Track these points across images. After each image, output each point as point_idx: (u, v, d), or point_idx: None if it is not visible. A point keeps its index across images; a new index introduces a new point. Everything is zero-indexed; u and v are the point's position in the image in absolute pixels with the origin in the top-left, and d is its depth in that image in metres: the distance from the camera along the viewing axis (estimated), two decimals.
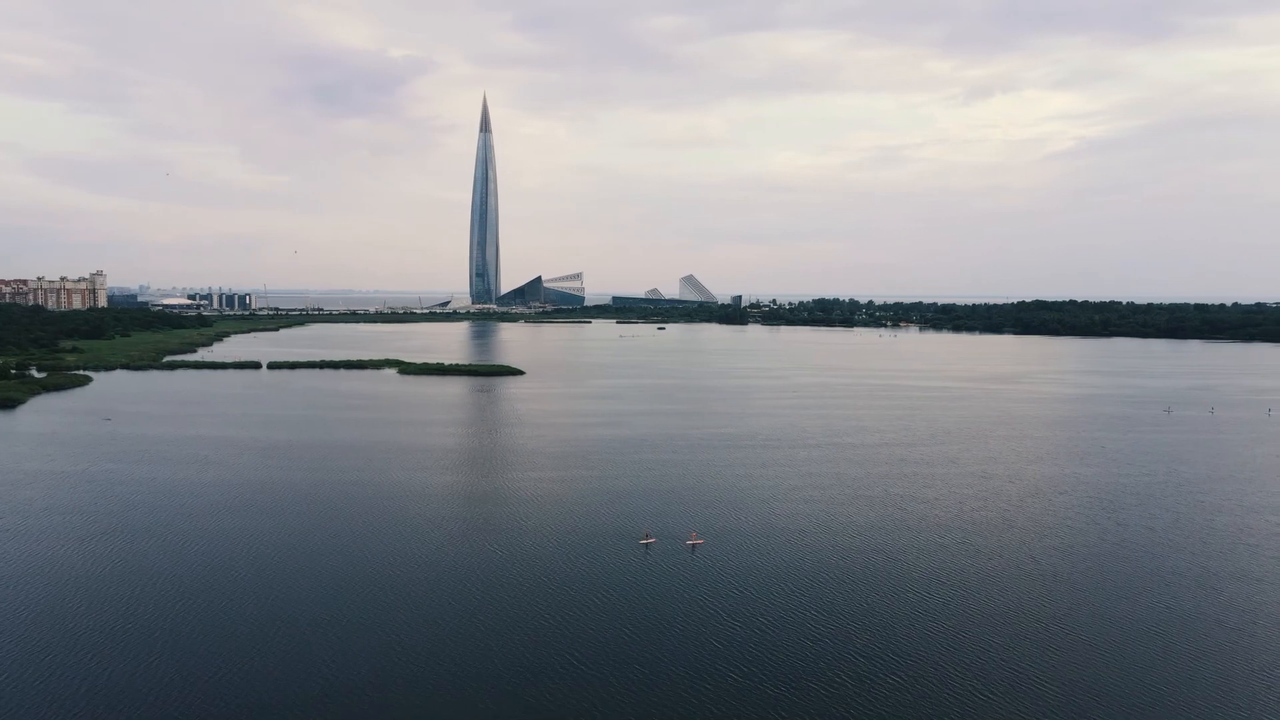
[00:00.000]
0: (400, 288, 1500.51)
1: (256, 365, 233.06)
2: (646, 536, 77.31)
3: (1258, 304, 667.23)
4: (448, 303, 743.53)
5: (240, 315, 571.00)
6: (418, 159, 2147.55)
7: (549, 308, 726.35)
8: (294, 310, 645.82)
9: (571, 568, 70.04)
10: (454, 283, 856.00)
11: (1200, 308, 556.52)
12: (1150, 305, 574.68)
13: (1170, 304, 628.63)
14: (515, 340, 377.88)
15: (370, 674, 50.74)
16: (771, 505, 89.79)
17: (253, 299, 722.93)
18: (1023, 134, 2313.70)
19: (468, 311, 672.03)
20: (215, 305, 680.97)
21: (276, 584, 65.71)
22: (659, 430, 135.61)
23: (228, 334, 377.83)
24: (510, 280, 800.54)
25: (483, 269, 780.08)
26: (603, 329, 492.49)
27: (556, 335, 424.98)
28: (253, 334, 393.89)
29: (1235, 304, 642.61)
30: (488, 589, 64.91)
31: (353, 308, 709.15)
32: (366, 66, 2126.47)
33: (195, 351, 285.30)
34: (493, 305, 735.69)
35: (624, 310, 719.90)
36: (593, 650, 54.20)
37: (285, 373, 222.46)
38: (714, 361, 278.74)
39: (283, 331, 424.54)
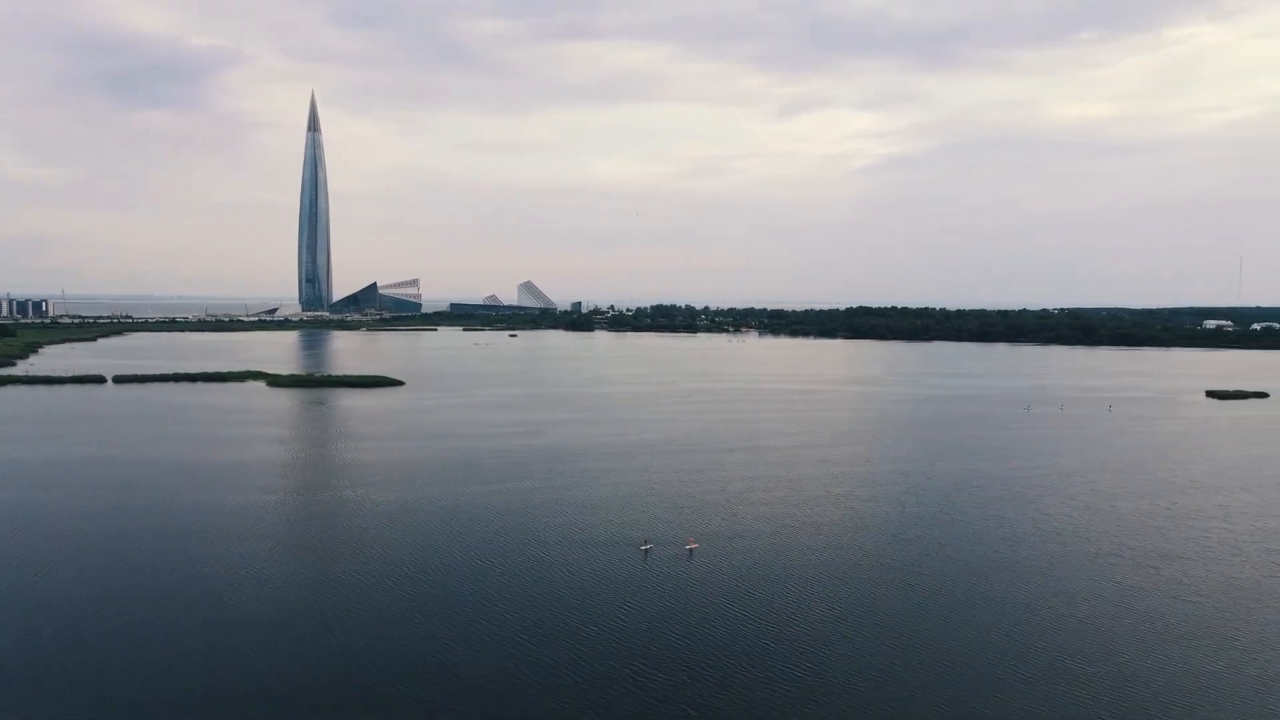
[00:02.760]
0: (216, 293, 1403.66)
1: (100, 379, 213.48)
2: (645, 543, 79.23)
3: (1043, 310, 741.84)
4: (275, 310, 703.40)
5: (42, 324, 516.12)
6: (229, 156, 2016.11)
7: (386, 315, 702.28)
8: (102, 318, 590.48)
9: (573, 574, 70.74)
10: (280, 289, 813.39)
11: (1002, 313, 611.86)
12: (960, 311, 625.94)
13: (975, 310, 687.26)
14: (366, 350, 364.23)
15: (370, 683, 49.95)
16: (734, 509, 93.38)
17: (50, 305, 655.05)
18: (832, 149, 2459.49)
19: (300, 319, 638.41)
20: (4, 312, 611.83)
21: (277, 588, 62.58)
22: (581, 439, 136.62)
23: (40, 345, 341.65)
24: (343, 287, 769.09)
25: (313, 275, 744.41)
26: (451, 337, 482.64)
27: (408, 344, 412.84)
28: (68, 344, 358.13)
29: (1024, 309, 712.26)
30: (485, 598, 64.71)
31: (170, 315, 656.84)
32: (165, 55, 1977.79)
33: (14, 365, 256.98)
34: (325, 313, 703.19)
35: (465, 317, 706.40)
36: (593, 653, 55.69)
37: (135, 387, 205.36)
38: (585, 369, 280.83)
39: (101, 342, 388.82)
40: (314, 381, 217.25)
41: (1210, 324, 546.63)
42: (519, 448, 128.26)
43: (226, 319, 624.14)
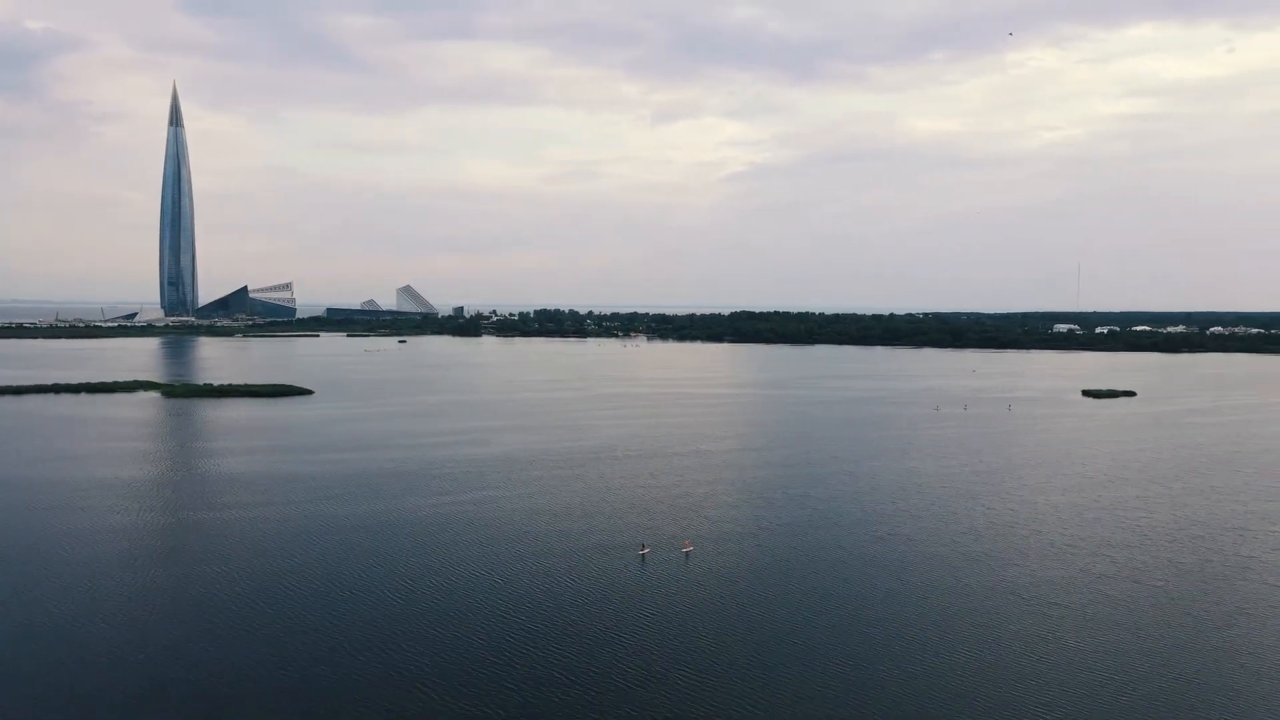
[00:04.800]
0: (61, 297, 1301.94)
1: None
2: (642, 547, 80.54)
3: (909, 314, 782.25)
4: (135, 314, 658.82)
5: None
6: (69, 150, 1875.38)
7: (259, 320, 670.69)
8: None
9: (574, 578, 71.39)
10: (139, 292, 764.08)
11: (877, 318, 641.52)
12: (838, 315, 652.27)
13: (851, 314, 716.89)
14: (251, 357, 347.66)
15: (374, 689, 50.02)
16: (705, 513, 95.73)
17: None
18: (703, 157, 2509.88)
19: (165, 325, 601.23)
20: None
21: (252, 606, 60.60)
22: (527, 447, 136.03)
23: None
24: (209, 291, 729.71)
25: (177, 278, 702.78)
26: (337, 343, 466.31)
27: (293, 350, 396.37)
28: None
29: (892, 314, 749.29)
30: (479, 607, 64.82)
31: (11, 320, 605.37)
32: None
33: None
34: (191, 318, 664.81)
35: (344, 323, 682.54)
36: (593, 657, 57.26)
37: (10, 399, 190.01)
38: (495, 375, 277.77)
39: None
40: (215, 391, 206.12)
41: (1061, 328, 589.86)
42: (467, 457, 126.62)
43: (81, 324, 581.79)
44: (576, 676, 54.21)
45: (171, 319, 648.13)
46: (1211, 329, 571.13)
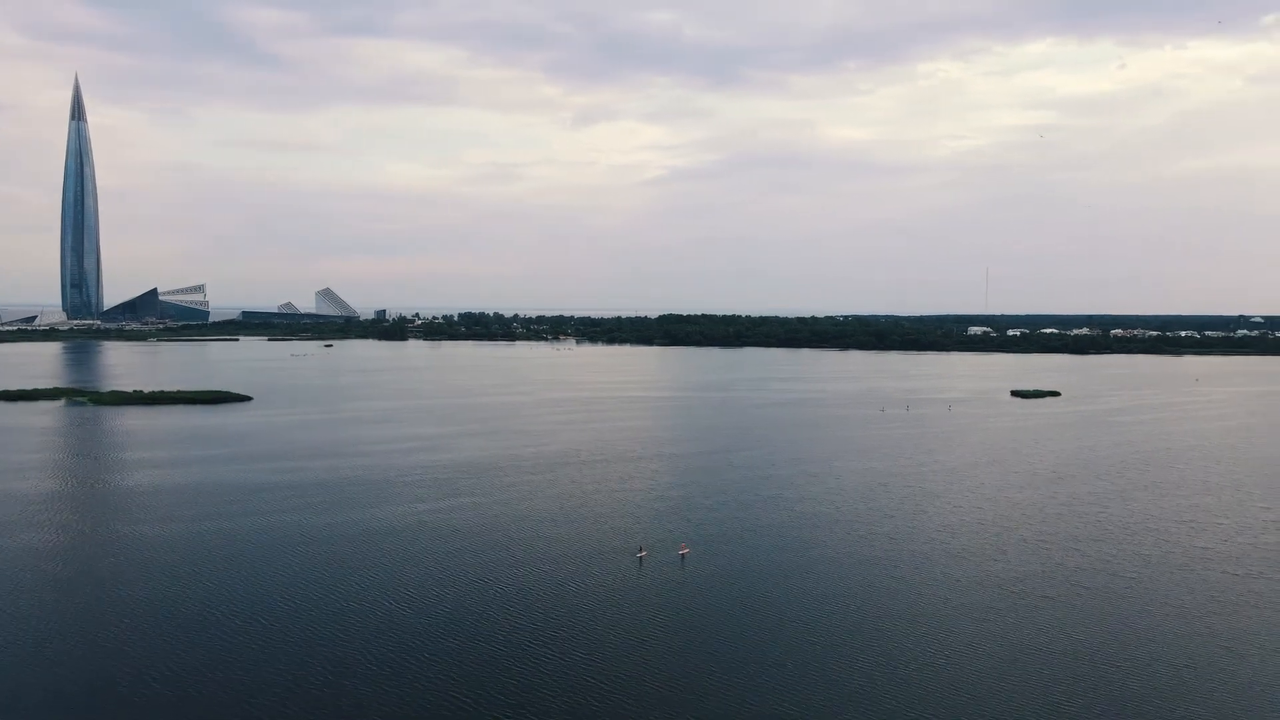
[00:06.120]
0: None
1: None
2: (640, 550, 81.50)
3: (829, 316, 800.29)
4: (35, 318, 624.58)
5: None
6: None
7: (171, 324, 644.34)
8: None
9: (575, 581, 71.97)
10: (36, 295, 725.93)
11: (802, 320, 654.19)
12: (765, 318, 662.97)
13: (779, 317, 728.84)
14: (171, 362, 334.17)
15: (372, 690, 50.44)
16: (687, 516, 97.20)
17: None
18: (623, 160, 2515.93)
19: (70, 329, 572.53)
20: None
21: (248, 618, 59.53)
22: (489, 453, 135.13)
23: None
24: (115, 293, 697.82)
25: (80, 279, 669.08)
26: (258, 348, 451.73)
27: (214, 355, 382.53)
28: None
29: (812, 316, 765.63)
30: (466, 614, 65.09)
31: None
32: None
33: None
34: (97, 321, 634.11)
35: (261, 326, 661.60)
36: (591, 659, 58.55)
37: None
38: (431, 379, 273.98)
39: None
40: (147, 398, 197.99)
41: (975, 330, 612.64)
42: (435, 464, 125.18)
43: None
44: (598, 679, 54.83)
45: (75, 322, 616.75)
46: (1113, 331, 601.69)
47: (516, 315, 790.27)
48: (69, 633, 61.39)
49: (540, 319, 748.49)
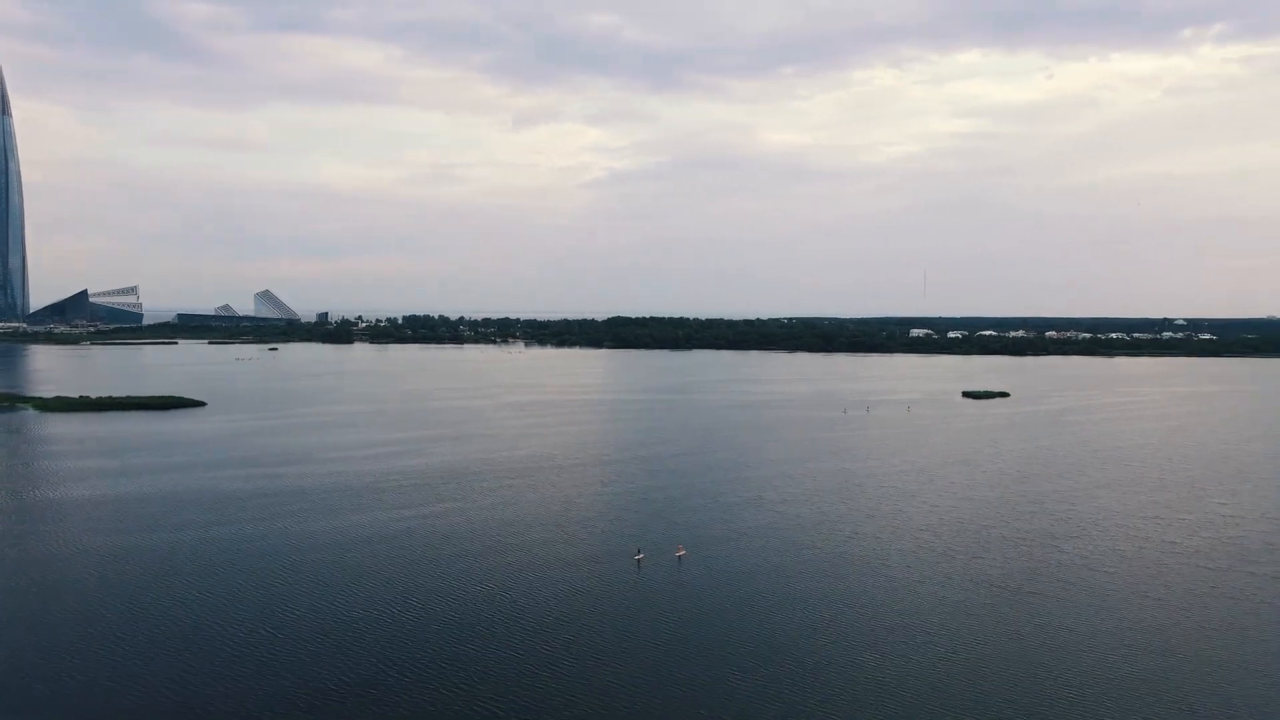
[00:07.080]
0: None
1: None
2: (638, 552, 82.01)
3: (774, 318, 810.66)
4: None
5: None
6: None
7: (101, 327, 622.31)
8: None
9: (576, 583, 72.30)
10: None
11: (749, 323, 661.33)
12: (712, 320, 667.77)
13: (724, 319, 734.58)
14: (110, 366, 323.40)
15: (372, 693, 50.75)
16: (674, 518, 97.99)
17: None
18: (564, 162, 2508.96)
19: None
20: None
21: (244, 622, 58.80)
22: (463, 458, 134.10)
23: None
24: (42, 295, 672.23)
25: (4, 280, 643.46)
26: (199, 351, 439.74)
27: (154, 359, 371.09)
28: None
29: (759, 319, 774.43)
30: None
31: None
32: None
33: None
34: (23, 324, 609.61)
35: (199, 329, 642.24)
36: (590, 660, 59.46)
37: None
38: (387, 382, 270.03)
39: None
40: (96, 404, 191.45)
41: (918, 332, 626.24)
42: (409, 469, 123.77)
43: None
44: (606, 679, 55.30)
45: (0, 325, 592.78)
46: (1048, 333, 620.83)
47: (463, 318, 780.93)
48: (38, 645, 59.54)
49: (487, 321, 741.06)
